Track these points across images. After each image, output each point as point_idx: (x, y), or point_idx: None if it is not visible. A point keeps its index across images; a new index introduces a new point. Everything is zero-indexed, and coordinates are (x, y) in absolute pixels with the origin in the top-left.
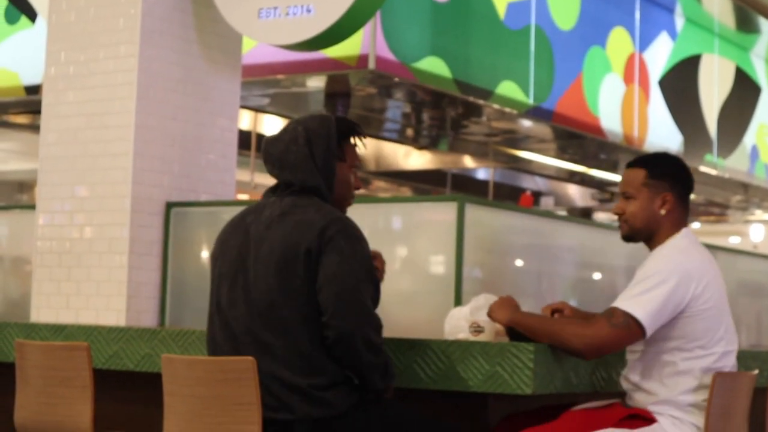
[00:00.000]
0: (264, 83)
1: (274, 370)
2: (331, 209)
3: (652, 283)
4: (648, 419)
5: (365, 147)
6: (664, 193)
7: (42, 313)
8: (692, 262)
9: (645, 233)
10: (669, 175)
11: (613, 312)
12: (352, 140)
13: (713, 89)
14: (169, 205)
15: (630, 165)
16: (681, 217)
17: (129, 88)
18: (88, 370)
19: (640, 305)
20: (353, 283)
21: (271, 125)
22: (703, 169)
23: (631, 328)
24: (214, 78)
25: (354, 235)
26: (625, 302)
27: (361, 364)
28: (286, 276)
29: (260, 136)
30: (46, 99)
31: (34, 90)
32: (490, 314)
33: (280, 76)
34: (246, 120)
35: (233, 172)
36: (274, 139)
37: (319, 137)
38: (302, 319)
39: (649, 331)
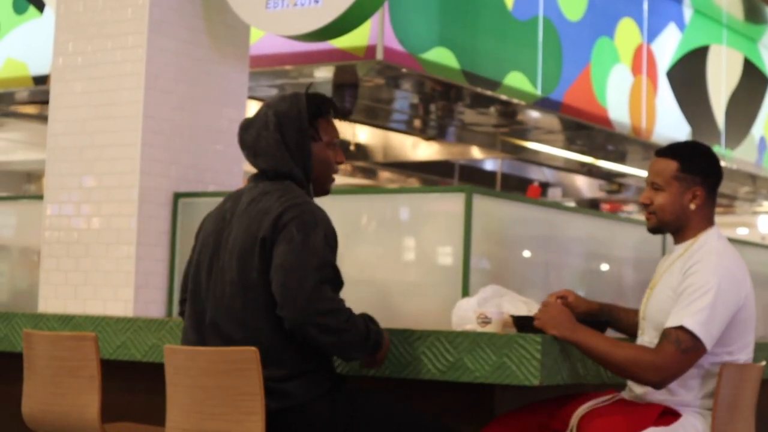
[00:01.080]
0: (272, 74)
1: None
2: (294, 195)
3: (710, 299)
4: (675, 413)
5: (343, 118)
6: (695, 187)
7: (49, 303)
8: (739, 269)
9: (673, 226)
10: (701, 170)
11: (679, 337)
12: (325, 117)
13: (721, 80)
14: (177, 196)
15: (660, 154)
16: (710, 211)
17: (137, 79)
18: (96, 361)
19: (705, 325)
20: (301, 273)
21: None
22: None
23: (698, 350)
24: (221, 68)
25: (309, 222)
26: (689, 320)
27: (325, 347)
28: (245, 267)
29: None
30: (54, 89)
31: (41, 80)
32: (541, 326)
33: (287, 67)
34: (254, 110)
35: (241, 162)
36: (246, 125)
37: (290, 120)
38: (260, 310)
39: (710, 348)
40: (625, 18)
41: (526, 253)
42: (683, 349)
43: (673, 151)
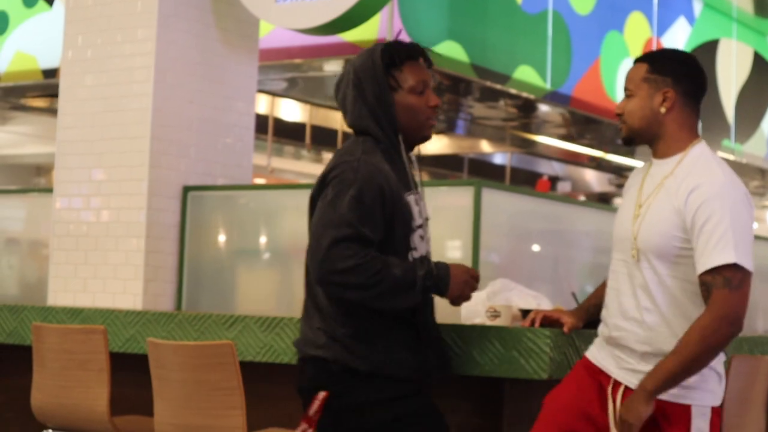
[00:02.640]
0: (281, 67)
1: (302, 327)
2: (349, 152)
3: (730, 223)
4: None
5: (430, 64)
6: (665, 89)
7: (59, 296)
8: (741, 183)
9: (645, 135)
10: (672, 71)
11: (725, 276)
12: (404, 64)
13: (731, 74)
14: (186, 189)
15: (635, 60)
16: (688, 120)
17: (146, 72)
18: (105, 354)
19: (739, 250)
20: (320, 231)
21: (288, 109)
22: (720, 154)
23: (747, 276)
24: (231, 62)
25: (347, 180)
26: (725, 255)
27: (361, 303)
28: (308, 228)
29: (277, 120)
30: (64, 82)
31: (51, 73)
32: (625, 419)
33: (297, 60)
34: (263, 104)
35: (250, 156)
36: (336, 84)
37: (366, 73)
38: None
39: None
40: (634, 12)
41: (535, 247)
42: (735, 285)
43: (645, 54)
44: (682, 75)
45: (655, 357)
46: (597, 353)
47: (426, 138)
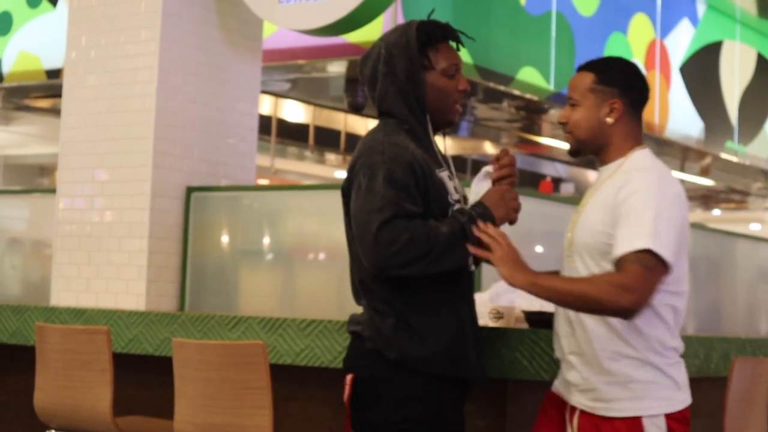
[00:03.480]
0: (284, 68)
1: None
2: (372, 138)
3: (654, 215)
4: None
5: (462, 45)
6: (612, 100)
7: (62, 296)
8: (679, 187)
9: (592, 146)
10: (619, 81)
11: (639, 257)
12: (439, 44)
13: (734, 76)
14: (189, 190)
15: (579, 69)
16: (633, 130)
17: (149, 72)
18: (108, 354)
19: (658, 238)
20: (365, 219)
21: (292, 110)
22: (723, 156)
23: (662, 266)
24: (234, 62)
25: (375, 164)
26: (642, 241)
27: (425, 274)
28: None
29: (280, 121)
30: (67, 83)
31: (55, 74)
32: (506, 278)
33: (300, 61)
34: (266, 105)
35: (253, 156)
36: (363, 59)
37: (399, 50)
38: (353, 256)
39: (672, 264)
40: (638, 13)
41: (539, 249)
42: (647, 266)
43: (590, 63)
44: (629, 86)
45: (595, 362)
46: (557, 381)
47: (451, 122)
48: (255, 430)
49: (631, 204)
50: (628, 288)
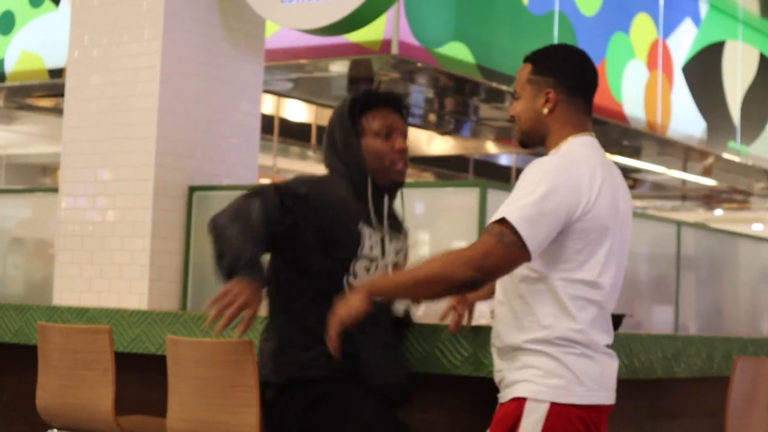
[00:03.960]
0: (287, 68)
1: None
2: (301, 180)
3: (537, 197)
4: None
5: (402, 110)
6: (547, 89)
7: (64, 295)
8: (587, 174)
9: (534, 136)
10: (554, 70)
11: (502, 230)
12: (371, 111)
13: (737, 76)
14: (192, 189)
15: (524, 59)
16: (572, 118)
17: (152, 72)
18: (110, 353)
19: (529, 221)
20: None
21: (294, 110)
22: (726, 156)
23: (522, 249)
24: (237, 62)
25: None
26: (512, 214)
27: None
28: None
29: (283, 121)
30: (70, 82)
31: (57, 73)
32: (345, 315)
33: (303, 61)
34: (269, 104)
35: (256, 156)
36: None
37: (338, 120)
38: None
39: (534, 252)
40: (640, 13)
41: None
42: (506, 243)
43: (530, 54)
44: (564, 74)
45: (504, 353)
46: None
47: (395, 182)
48: (242, 428)
49: (520, 179)
50: (474, 259)
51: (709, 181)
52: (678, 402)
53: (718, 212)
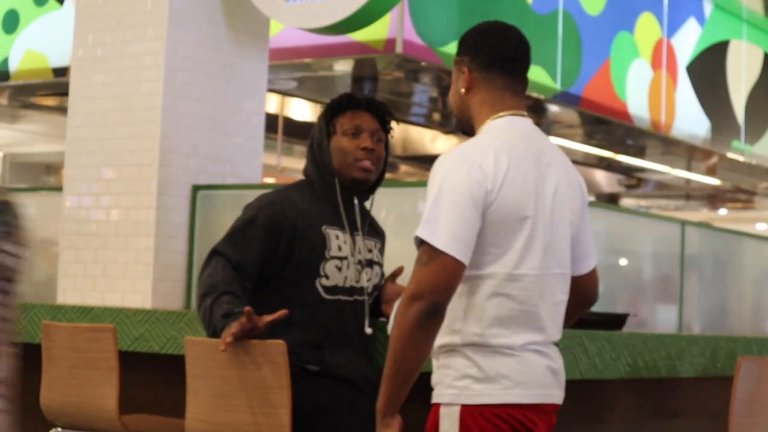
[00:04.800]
0: (291, 67)
1: None
2: (268, 196)
3: (434, 197)
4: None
5: (381, 115)
6: (463, 68)
7: (68, 294)
8: (491, 155)
9: (464, 121)
10: (468, 48)
11: (419, 251)
12: (344, 113)
13: (741, 75)
14: (196, 188)
15: None
16: (490, 97)
17: (156, 71)
18: (114, 352)
19: (430, 224)
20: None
21: (298, 109)
22: (730, 155)
23: (441, 256)
24: (241, 61)
25: (248, 206)
26: (419, 229)
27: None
28: None
29: (287, 120)
30: (74, 81)
31: (61, 72)
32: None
33: (307, 60)
34: (273, 103)
35: (260, 155)
36: None
37: (317, 125)
38: None
39: (462, 257)
40: (644, 12)
41: None
42: (424, 262)
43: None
44: (475, 50)
45: (433, 353)
46: None
47: (356, 180)
48: (273, 429)
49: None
50: (411, 297)
51: (713, 181)
52: (681, 401)
53: (722, 212)
